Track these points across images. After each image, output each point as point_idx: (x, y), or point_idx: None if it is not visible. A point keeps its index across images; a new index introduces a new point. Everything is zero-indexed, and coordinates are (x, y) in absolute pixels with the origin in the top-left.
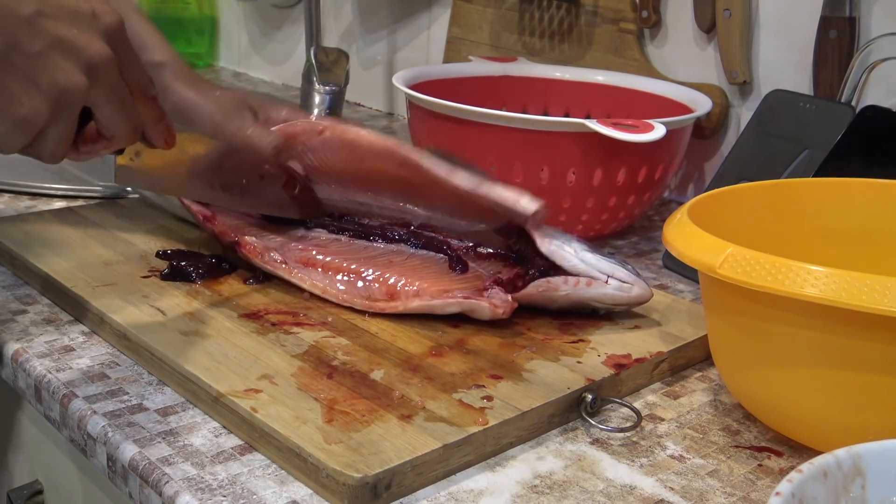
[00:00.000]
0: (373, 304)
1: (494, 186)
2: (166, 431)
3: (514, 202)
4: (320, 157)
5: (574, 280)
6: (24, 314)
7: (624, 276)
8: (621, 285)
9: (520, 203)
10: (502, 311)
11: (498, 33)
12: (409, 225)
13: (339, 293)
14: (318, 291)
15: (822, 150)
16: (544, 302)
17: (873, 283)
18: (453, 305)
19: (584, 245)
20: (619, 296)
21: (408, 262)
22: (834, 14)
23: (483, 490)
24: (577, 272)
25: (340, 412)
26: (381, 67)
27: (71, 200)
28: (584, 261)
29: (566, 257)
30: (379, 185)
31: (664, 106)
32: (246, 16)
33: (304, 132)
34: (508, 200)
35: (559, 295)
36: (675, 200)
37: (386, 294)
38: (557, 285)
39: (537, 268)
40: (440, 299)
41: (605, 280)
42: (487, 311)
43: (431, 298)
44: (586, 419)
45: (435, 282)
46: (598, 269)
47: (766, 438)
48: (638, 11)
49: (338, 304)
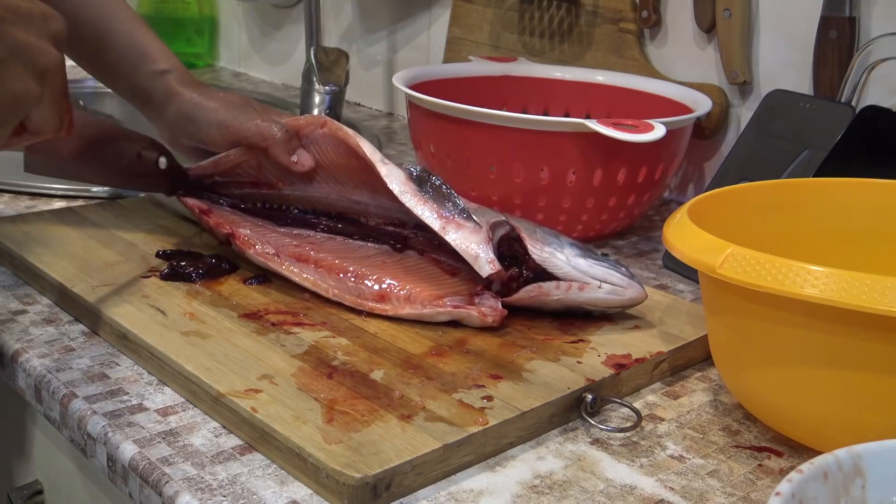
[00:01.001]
0: (362, 303)
1: (457, 230)
2: (166, 431)
3: (471, 259)
4: (321, 150)
5: (566, 285)
6: (24, 314)
7: (617, 281)
8: (614, 289)
9: (476, 262)
10: (491, 320)
11: (498, 33)
12: (405, 226)
13: (330, 288)
14: (309, 285)
15: (822, 150)
16: (536, 306)
17: (873, 283)
18: (443, 314)
19: (576, 250)
20: (613, 299)
21: (401, 263)
22: (834, 14)
23: (483, 490)
24: (570, 279)
25: (340, 412)
26: (381, 67)
27: (71, 200)
28: (577, 267)
29: (558, 265)
30: (375, 184)
31: (664, 106)
32: (246, 16)
33: (307, 125)
34: (466, 256)
35: (551, 299)
36: (675, 200)
37: (376, 295)
38: (549, 290)
39: (531, 269)
40: (430, 308)
41: (599, 285)
42: (476, 320)
43: (422, 307)
44: (586, 419)
45: (427, 286)
46: (591, 275)
47: (766, 438)
48: (638, 11)
49: (337, 305)
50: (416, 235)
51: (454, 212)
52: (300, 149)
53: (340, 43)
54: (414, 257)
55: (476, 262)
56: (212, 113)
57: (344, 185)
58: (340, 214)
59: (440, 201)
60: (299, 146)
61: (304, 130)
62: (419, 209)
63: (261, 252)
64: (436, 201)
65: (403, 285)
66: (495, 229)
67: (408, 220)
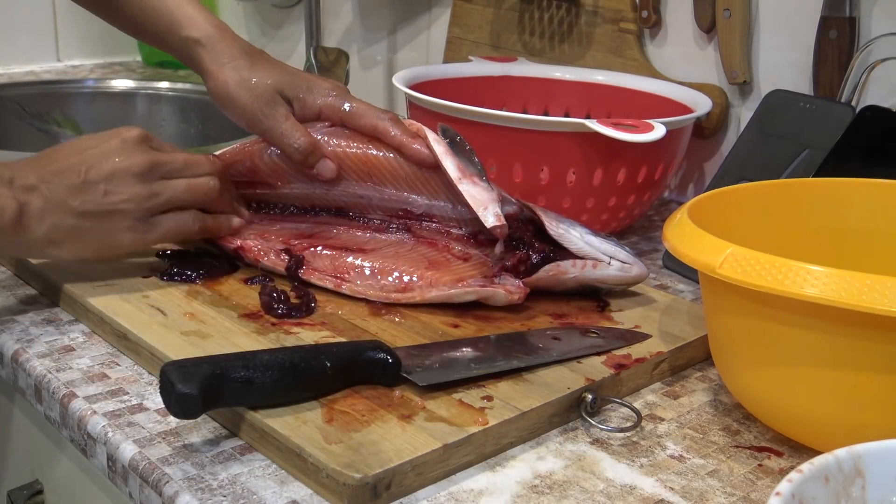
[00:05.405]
0: (388, 296)
1: (472, 185)
2: (166, 431)
3: (479, 209)
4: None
5: (581, 263)
6: (24, 314)
7: (625, 258)
8: (623, 266)
9: (483, 212)
10: (517, 297)
11: (498, 33)
12: (410, 216)
13: (352, 286)
14: (331, 286)
15: (822, 150)
16: (553, 285)
17: (873, 283)
18: (470, 293)
19: (585, 229)
20: (621, 276)
21: (413, 252)
22: (834, 14)
23: (483, 490)
24: (583, 254)
25: (340, 412)
26: (381, 67)
27: None
28: (590, 243)
29: (573, 240)
30: (381, 174)
31: (664, 106)
32: (246, 16)
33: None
34: (475, 204)
35: (567, 277)
36: (675, 200)
37: (399, 286)
38: (566, 269)
39: (538, 252)
40: (457, 288)
41: (609, 262)
42: (503, 297)
43: (448, 288)
44: (586, 419)
45: (445, 272)
46: (602, 251)
47: (766, 438)
48: (638, 11)
49: (338, 304)
50: (422, 225)
51: (474, 171)
52: (322, 159)
53: (340, 43)
54: (424, 247)
55: (483, 214)
56: (239, 111)
57: (350, 178)
58: (341, 209)
59: (465, 160)
60: (321, 157)
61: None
62: (446, 160)
63: (274, 262)
64: (460, 158)
65: (423, 273)
66: (504, 202)
67: (413, 210)
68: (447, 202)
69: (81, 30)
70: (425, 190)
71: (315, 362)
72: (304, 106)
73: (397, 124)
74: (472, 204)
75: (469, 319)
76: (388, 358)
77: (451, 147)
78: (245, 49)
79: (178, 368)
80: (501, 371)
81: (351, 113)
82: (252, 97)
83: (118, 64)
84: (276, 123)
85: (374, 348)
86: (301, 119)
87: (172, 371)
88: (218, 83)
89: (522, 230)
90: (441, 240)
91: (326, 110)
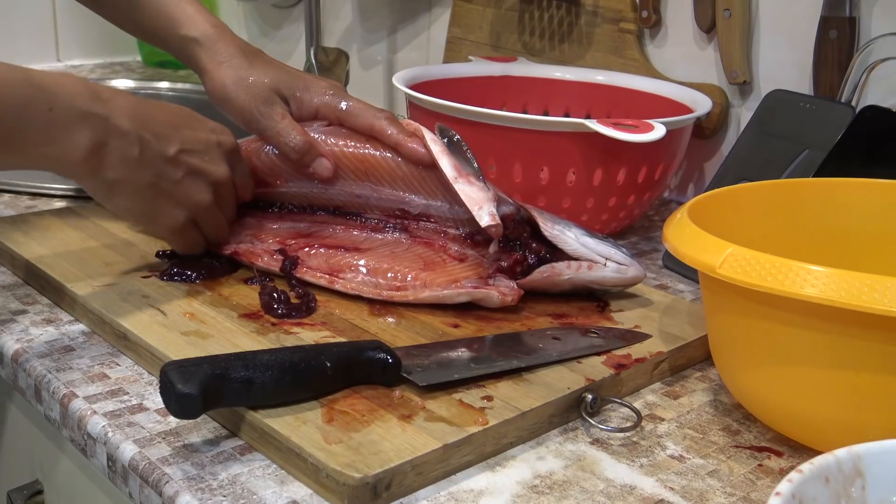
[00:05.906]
0: (381, 293)
1: (468, 185)
2: (166, 431)
3: (474, 208)
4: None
5: (577, 264)
6: (24, 314)
7: (621, 259)
8: (619, 267)
9: (478, 212)
10: (510, 299)
11: (498, 33)
12: (407, 216)
13: (346, 283)
14: (325, 283)
15: (822, 150)
16: (548, 286)
17: (873, 283)
18: (463, 295)
19: (582, 230)
20: (618, 277)
21: (408, 252)
22: (834, 14)
23: (483, 490)
24: (578, 256)
25: (340, 412)
26: (381, 67)
27: (71, 200)
28: (585, 245)
29: (568, 241)
30: (378, 173)
31: (664, 106)
32: (246, 16)
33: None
34: (470, 203)
35: (562, 279)
36: (675, 200)
37: (393, 284)
38: (561, 270)
39: (534, 253)
40: (450, 290)
41: (604, 263)
42: (496, 299)
43: (441, 289)
44: (586, 419)
45: (440, 272)
46: (598, 252)
47: (766, 438)
48: (638, 11)
49: (338, 304)
50: (419, 225)
51: (470, 171)
52: (318, 158)
53: (340, 43)
54: (420, 246)
55: (478, 213)
56: (236, 111)
57: (347, 177)
58: (338, 208)
59: (461, 160)
60: (314, 158)
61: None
62: (442, 159)
63: (269, 263)
64: (457, 158)
65: (417, 273)
66: (501, 202)
67: (410, 210)
68: (444, 202)
69: (81, 30)
70: (422, 190)
71: (315, 362)
72: (301, 105)
73: (394, 123)
74: (467, 203)
75: (469, 319)
76: (388, 358)
77: (448, 147)
78: (243, 48)
79: (178, 368)
80: (501, 371)
81: (348, 112)
82: (249, 96)
83: (118, 64)
84: (272, 122)
85: (374, 348)
86: (298, 118)
87: (172, 371)
88: (215, 82)
89: (519, 231)
90: (438, 240)
91: (323, 109)
